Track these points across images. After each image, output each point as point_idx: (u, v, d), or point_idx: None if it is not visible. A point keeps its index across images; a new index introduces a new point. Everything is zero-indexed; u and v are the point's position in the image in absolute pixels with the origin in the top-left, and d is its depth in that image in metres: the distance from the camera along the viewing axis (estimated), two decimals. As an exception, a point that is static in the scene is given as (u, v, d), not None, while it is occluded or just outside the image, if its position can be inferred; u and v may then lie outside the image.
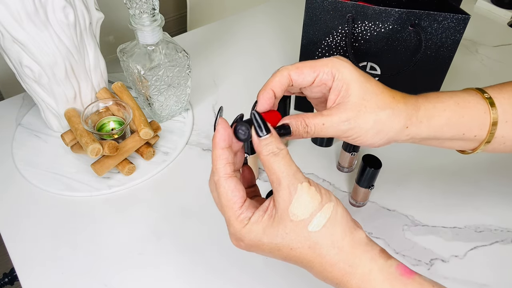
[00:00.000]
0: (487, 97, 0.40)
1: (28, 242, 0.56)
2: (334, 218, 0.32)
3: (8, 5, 0.51)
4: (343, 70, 0.37)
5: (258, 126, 0.33)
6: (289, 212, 0.32)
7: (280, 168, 0.32)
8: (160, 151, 0.67)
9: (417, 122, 0.38)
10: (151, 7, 0.58)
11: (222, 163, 0.33)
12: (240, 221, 0.33)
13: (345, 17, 0.59)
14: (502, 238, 0.57)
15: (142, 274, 0.53)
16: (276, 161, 0.32)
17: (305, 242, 0.32)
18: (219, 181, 0.33)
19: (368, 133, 0.37)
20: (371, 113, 0.37)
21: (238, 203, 0.33)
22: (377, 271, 0.31)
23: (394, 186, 0.63)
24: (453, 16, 0.56)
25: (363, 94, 0.36)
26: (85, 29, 0.61)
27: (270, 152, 0.32)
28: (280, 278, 0.52)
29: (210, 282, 0.52)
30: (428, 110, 0.39)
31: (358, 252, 0.32)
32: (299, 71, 0.37)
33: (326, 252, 0.32)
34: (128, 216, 0.59)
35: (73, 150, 0.64)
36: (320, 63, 0.37)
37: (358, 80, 0.37)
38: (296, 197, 0.31)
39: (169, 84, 0.66)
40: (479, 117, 0.39)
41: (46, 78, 0.60)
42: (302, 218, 0.32)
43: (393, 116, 0.37)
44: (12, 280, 0.84)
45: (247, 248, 0.35)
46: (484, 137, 0.40)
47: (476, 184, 0.63)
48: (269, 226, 0.33)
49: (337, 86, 0.37)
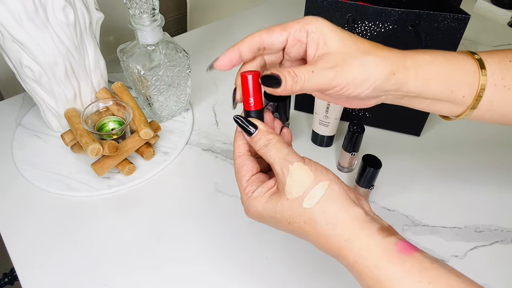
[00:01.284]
0: (477, 58, 0.39)
1: (28, 242, 0.56)
2: (329, 195, 0.34)
3: (8, 5, 0.51)
4: (315, 23, 0.36)
5: (245, 128, 0.37)
6: (285, 191, 0.35)
7: (272, 156, 0.35)
8: (160, 151, 0.67)
9: (404, 70, 0.37)
10: (151, 7, 0.58)
11: (237, 144, 0.39)
12: (245, 193, 0.37)
13: (345, 17, 0.59)
14: (502, 238, 0.57)
15: (142, 274, 0.53)
16: (268, 151, 0.36)
17: (301, 218, 0.34)
18: (234, 158, 0.39)
19: (356, 80, 0.36)
20: (356, 59, 0.36)
21: (246, 177, 0.38)
22: (374, 247, 0.32)
23: (394, 186, 0.63)
24: (453, 16, 0.56)
25: (342, 42, 0.36)
26: (85, 29, 0.61)
27: (261, 146, 0.36)
28: (280, 278, 0.52)
29: (210, 282, 0.52)
30: (416, 60, 0.37)
31: (355, 228, 0.33)
32: (270, 31, 0.37)
33: (321, 227, 0.33)
34: (128, 216, 0.59)
35: (73, 150, 0.64)
36: (291, 22, 0.37)
37: (334, 31, 0.36)
38: (289, 176, 0.34)
39: (169, 84, 0.66)
40: (468, 76, 0.38)
41: (46, 78, 0.60)
42: (297, 196, 0.34)
43: (378, 61, 0.36)
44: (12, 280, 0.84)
45: (253, 218, 0.38)
46: (472, 100, 0.39)
47: (476, 184, 0.63)
48: (269, 203, 0.36)
49: (313, 40, 0.36)
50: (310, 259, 0.54)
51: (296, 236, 0.37)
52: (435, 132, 0.71)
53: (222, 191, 0.62)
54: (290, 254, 0.55)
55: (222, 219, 0.59)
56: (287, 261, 0.54)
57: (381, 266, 0.31)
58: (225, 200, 0.61)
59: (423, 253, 0.32)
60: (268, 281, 0.52)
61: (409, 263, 0.31)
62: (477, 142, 0.70)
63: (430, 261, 0.31)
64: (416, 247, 0.32)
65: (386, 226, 0.33)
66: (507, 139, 0.70)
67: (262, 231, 0.57)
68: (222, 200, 0.61)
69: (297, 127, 0.72)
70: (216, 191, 0.62)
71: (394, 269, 0.31)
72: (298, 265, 0.53)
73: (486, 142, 0.69)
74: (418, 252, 0.32)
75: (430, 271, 0.30)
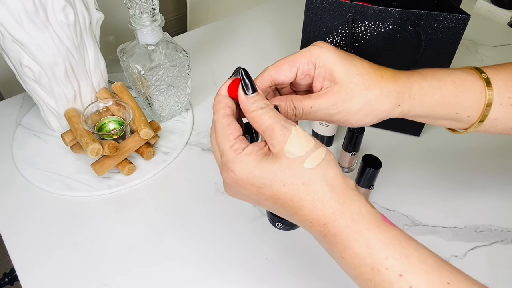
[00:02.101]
0: (484, 77, 0.39)
1: (28, 242, 0.56)
2: (328, 160, 0.33)
3: (8, 5, 0.51)
4: (323, 56, 0.37)
5: (245, 84, 0.34)
6: (284, 150, 0.32)
7: (270, 117, 0.33)
8: (160, 151, 0.67)
9: (409, 99, 0.37)
10: (151, 7, 0.58)
11: (221, 105, 0.35)
12: (234, 150, 0.33)
13: (345, 17, 0.59)
14: (502, 238, 0.57)
15: (142, 274, 0.53)
16: (264, 112, 0.33)
17: (300, 178, 0.32)
18: (217, 119, 0.35)
19: (357, 115, 0.37)
20: (358, 96, 0.36)
21: (234, 135, 0.34)
22: (365, 212, 0.32)
23: (394, 186, 0.63)
24: (453, 16, 0.56)
25: (347, 76, 0.36)
26: (85, 29, 0.61)
27: (257, 107, 0.34)
28: (280, 278, 0.52)
29: (210, 282, 0.52)
30: (423, 88, 0.38)
31: (350, 193, 0.33)
32: (278, 70, 0.37)
33: (320, 188, 0.32)
34: (128, 216, 0.59)
35: (73, 150, 0.64)
36: (298, 56, 0.37)
37: (340, 63, 0.36)
38: (291, 136, 0.32)
39: (169, 84, 0.66)
40: (474, 97, 0.39)
41: (46, 78, 0.60)
42: (298, 155, 0.32)
43: (381, 96, 0.37)
44: (12, 280, 0.84)
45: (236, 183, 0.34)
46: (478, 118, 0.40)
47: (476, 184, 0.63)
48: (263, 161, 0.33)
49: (320, 73, 0.37)
50: (310, 259, 0.54)
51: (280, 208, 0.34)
52: (435, 132, 0.71)
53: (222, 191, 0.62)
54: (290, 254, 0.55)
55: (222, 219, 0.59)
56: (287, 261, 0.54)
57: (371, 230, 0.31)
58: (225, 200, 0.61)
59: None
60: (268, 281, 0.52)
61: (395, 232, 0.32)
62: (477, 142, 0.70)
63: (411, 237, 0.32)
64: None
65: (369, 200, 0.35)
66: (508, 139, 0.70)
67: (262, 231, 0.57)
68: (222, 200, 0.61)
69: (297, 127, 0.72)
70: (216, 191, 0.62)
71: (383, 234, 0.31)
72: (298, 265, 0.53)
73: (486, 142, 0.69)
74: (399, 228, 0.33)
75: (413, 241, 0.32)
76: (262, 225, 0.58)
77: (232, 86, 0.36)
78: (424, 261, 0.30)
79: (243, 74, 0.34)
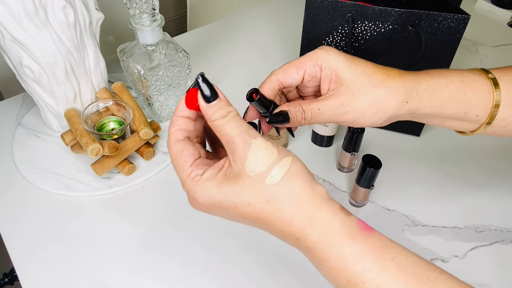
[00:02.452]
0: (491, 77, 0.39)
1: (28, 242, 0.56)
2: (294, 171, 0.32)
3: (8, 5, 0.51)
4: (328, 58, 0.37)
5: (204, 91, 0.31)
6: (245, 167, 0.31)
7: (231, 128, 0.31)
8: (160, 151, 0.67)
9: (418, 96, 0.38)
10: (151, 7, 0.58)
11: (174, 129, 0.33)
12: (191, 178, 0.32)
13: (345, 17, 0.59)
14: (502, 238, 0.57)
15: (142, 274, 0.53)
16: (226, 122, 0.31)
17: (263, 196, 0.31)
18: (169, 145, 0.33)
19: (366, 114, 0.37)
20: (365, 95, 0.36)
21: (188, 162, 0.33)
22: (338, 224, 0.31)
23: (394, 186, 0.63)
24: (453, 16, 0.56)
25: (353, 76, 0.37)
26: (85, 29, 0.61)
27: (219, 116, 0.31)
28: (280, 278, 0.52)
29: (210, 282, 0.52)
30: (430, 85, 0.38)
31: (319, 205, 0.31)
32: (286, 73, 0.38)
33: (285, 205, 0.31)
34: (128, 216, 0.59)
35: (73, 150, 0.64)
36: (305, 59, 0.38)
37: (346, 64, 0.37)
38: (251, 151, 0.31)
39: (169, 84, 0.66)
40: (482, 97, 0.39)
41: (46, 78, 0.60)
42: (260, 172, 0.31)
43: (389, 94, 0.37)
44: (12, 280, 0.84)
45: (204, 208, 0.33)
46: (486, 118, 0.40)
47: (476, 184, 0.63)
48: (224, 183, 0.31)
49: (326, 75, 0.37)
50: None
51: (252, 224, 0.33)
52: (435, 132, 0.71)
53: (222, 191, 0.62)
54: (290, 254, 0.55)
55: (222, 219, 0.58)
56: (287, 261, 0.54)
57: (345, 242, 0.30)
58: (225, 200, 0.61)
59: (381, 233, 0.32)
60: (268, 281, 0.52)
61: (372, 241, 0.31)
62: (477, 142, 0.70)
63: (389, 240, 0.31)
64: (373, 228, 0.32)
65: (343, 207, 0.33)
66: (507, 140, 0.70)
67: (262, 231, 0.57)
68: (222, 200, 0.61)
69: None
70: (216, 191, 0.62)
71: (358, 245, 0.30)
72: (298, 265, 0.53)
73: (486, 143, 0.69)
74: (377, 231, 0.32)
75: (391, 248, 0.31)
76: (262, 225, 0.58)
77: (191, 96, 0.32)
78: (403, 270, 0.30)
79: (201, 81, 0.31)
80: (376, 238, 0.31)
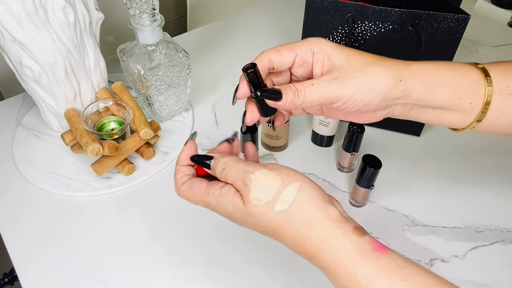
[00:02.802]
0: (480, 67, 0.40)
1: (28, 242, 0.56)
2: (302, 196, 0.33)
3: (8, 5, 0.51)
4: (320, 44, 0.38)
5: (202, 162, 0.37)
6: (250, 199, 0.33)
7: (231, 175, 0.35)
8: (160, 151, 0.67)
9: (410, 77, 0.38)
10: (151, 7, 0.58)
11: (179, 176, 0.38)
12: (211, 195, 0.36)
13: (345, 17, 0.59)
14: (502, 238, 0.57)
15: (142, 274, 0.53)
16: (226, 173, 0.35)
17: (275, 221, 0.33)
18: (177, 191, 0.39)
19: (361, 90, 0.36)
20: (358, 71, 0.37)
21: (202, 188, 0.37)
22: (350, 246, 0.32)
23: (394, 186, 0.63)
24: (453, 16, 0.56)
25: (345, 56, 0.37)
26: (85, 29, 0.61)
27: (220, 171, 0.36)
28: (280, 278, 0.52)
29: (209, 282, 0.52)
30: (421, 68, 0.38)
31: (330, 228, 0.32)
32: (278, 53, 0.38)
33: (297, 228, 0.33)
34: (128, 216, 0.59)
35: (73, 150, 0.64)
36: (298, 44, 0.38)
37: (337, 48, 0.38)
38: (253, 185, 0.33)
39: (169, 84, 0.66)
40: (473, 82, 0.39)
41: (46, 78, 0.60)
42: (266, 201, 0.33)
43: (382, 71, 0.37)
44: (12, 280, 0.84)
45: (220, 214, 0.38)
46: (480, 106, 0.39)
47: (476, 184, 0.63)
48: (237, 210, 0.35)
49: (319, 59, 0.38)
50: (310, 259, 0.54)
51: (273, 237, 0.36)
52: (435, 132, 0.71)
53: (222, 191, 0.62)
54: (290, 254, 0.54)
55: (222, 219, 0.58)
56: (287, 261, 0.54)
57: (357, 264, 0.31)
58: (225, 200, 0.61)
59: (395, 253, 0.32)
60: (268, 281, 0.52)
61: (384, 261, 0.31)
62: (477, 142, 0.70)
63: (404, 260, 0.32)
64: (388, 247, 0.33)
65: (359, 227, 0.33)
66: (508, 139, 0.70)
67: (262, 231, 0.57)
68: (222, 200, 0.61)
69: (297, 127, 0.72)
70: (216, 191, 0.62)
71: (370, 267, 0.31)
72: (298, 265, 0.53)
73: (486, 143, 0.69)
74: (391, 251, 0.32)
75: (404, 269, 0.31)
76: (262, 225, 0.58)
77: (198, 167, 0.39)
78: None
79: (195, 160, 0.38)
80: (389, 258, 0.31)
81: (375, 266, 0.31)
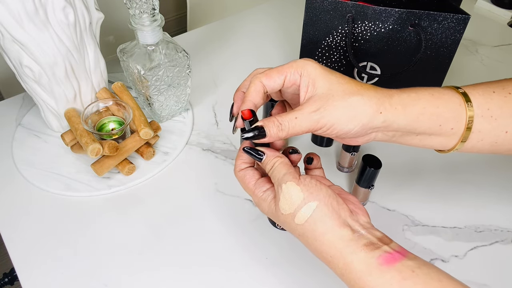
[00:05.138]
0: (461, 91, 0.40)
1: (28, 242, 0.56)
2: (317, 216, 0.36)
3: (8, 5, 0.51)
4: (307, 67, 0.39)
5: (255, 156, 0.41)
6: (279, 207, 0.38)
7: (274, 177, 0.39)
8: (160, 151, 0.67)
9: (391, 109, 0.39)
10: (151, 7, 0.58)
11: (238, 162, 0.43)
12: (255, 195, 0.41)
13: (345, 17, 0.59)
14: (502, 238, 0.57)
15: (142, 274, 0.53)
16: (272, 173, 0.40)
17: (295, 231, 0.38)
18: (235, 173, 0.43)
19: (341, 120, 0.38)
20: (339, 100, 0.38)
21: (251, 183, 0.41)
22: (357, 263, 0.35)
23: (394, 186, 0.63)
24: (453, 16, 0.56)
25: (329, 85, 0.39)
26: (85, 29, 0.61)
27: (269, 170, 0.40)
28: (280, 278, 0.52)
29: (209, 282, 0.52)
30: (403, 98, 0.39)
31: (340, 247, 0.36)
32: (268, 77, 0.40)
33: (312, 241, 0.37)
34: (128, 216, 0.59)
35: (73, 150, 0.64)
36: (287, 66, 0.40)
37: (322, 74, 0.39)
38: (282, 194, 0.38)
39: (169, 84, 0.66)
40: (454, 109, 0.40)
41: (46, 78, 0.60)
42: (289, 212, 0.37)
43: (362, 101, 0.38)
44: (12, 280, 0.84)
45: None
46: (462, 131, 0.40)
47: (476, 184, 0.63)
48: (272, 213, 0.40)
49: (304, 82, 0.39)
50: (310, 259, 0.54)
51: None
52: (435, 132, 0.71)
53: (222, 191, 0.62)
54: (290, 254, 0.55)
55: (222, 219, 0.59)
56: (287, 261, 0.54)
57: (363, 278, 0.34)
58: (225, 200, 0.61)
59: (405, 263, 0.34)
60: (268, 281, 0.52)
61: (389, 275, 0.33)
62: (477, 142, 0.70)
63: (411, 269, 0.33)
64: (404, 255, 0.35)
65: (372, 242, 0.35)
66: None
67: (262, 231, 0.57)
68: (222, 200, 0.61)
69: (297, 127, 0.72)
70: (216, 191, 0.62)
71: (375, 282, 0.34)
72: (298, 265, 0.53)
73: (486, 142, 0.69)
74: (400, 263, 0.34)
75: (409, 280, 0.33)
76: (262, 225, 0.58)
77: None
78: None
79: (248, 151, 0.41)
80: (395, 272, 0.33)
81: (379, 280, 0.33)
